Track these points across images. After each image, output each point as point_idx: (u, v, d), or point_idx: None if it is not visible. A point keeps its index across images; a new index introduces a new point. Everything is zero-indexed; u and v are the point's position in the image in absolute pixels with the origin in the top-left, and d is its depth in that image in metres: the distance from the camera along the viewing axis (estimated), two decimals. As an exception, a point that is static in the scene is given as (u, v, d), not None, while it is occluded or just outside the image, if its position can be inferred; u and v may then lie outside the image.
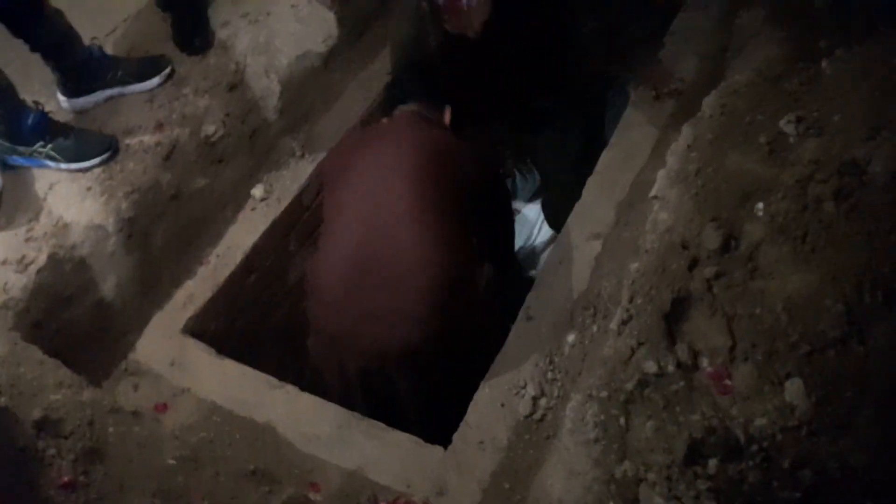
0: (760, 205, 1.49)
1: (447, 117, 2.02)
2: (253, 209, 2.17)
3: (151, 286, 1.96)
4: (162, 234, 1.97)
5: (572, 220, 2.02)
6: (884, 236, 1.30)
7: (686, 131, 1.72)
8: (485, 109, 2.37)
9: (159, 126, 2.00)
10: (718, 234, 1.45)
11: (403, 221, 1.69)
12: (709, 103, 1.76)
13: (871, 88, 1.58)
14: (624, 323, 1.43)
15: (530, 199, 2.93)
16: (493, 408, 1.63)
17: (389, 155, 1.81)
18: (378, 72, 2.47)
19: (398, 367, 1.70)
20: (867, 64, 1.63)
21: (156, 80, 2.08)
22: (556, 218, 2.46)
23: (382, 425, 1.65)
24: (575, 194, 2.06)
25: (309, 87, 2.34)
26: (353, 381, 1.75)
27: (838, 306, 1.25)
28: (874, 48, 1.65)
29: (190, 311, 1.93)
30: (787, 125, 1.62)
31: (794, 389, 1.17)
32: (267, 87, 2.22)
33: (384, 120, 2.06)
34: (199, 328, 1.92)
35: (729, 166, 1.59)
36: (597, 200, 2.02)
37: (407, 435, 1.63)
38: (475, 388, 1.68)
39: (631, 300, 1.46)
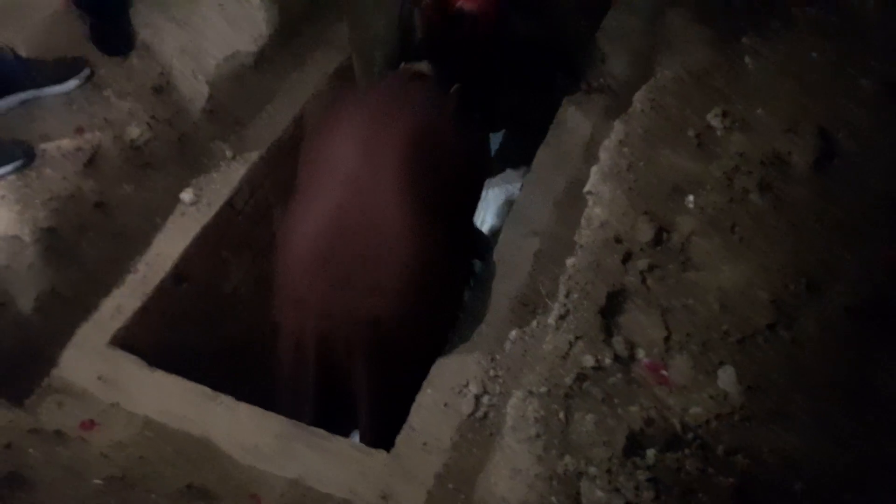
0: (691, 197, 1.53)
1: (453, 90, 1.86)
2: (182, 214, 2.09)
3: (76, 298, 1.86)
4: (86, 243, 1.87)
5: (510, 218, 2.03)
6: (806, 227, 1.35)
7: (618, 127, 1.75)
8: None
9: (79, 130, 1.91)
10: (651, 227, 1.48)
11: (388, 196, 1.63)
12: (639, 99, 1.79)
13: (790, 82, 1.65)
14: (561, 318, 1.44)
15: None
16: (436, 409, 1.61)
17: (384, 126, 1.71)
18: (311, 73, 2.42)
19: (361, 339, 1.67)
20: (786, 59, 1.70)
21: (73, 83, 1.98)
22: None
23: (324, 433, 1.61)
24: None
25: (239, 90, 2.27)
26: (310, 351, 1.71)
27: (766, 295, 1.29)
28: (792, 44, 1.72)
29: (118, 322, 1.84)
30: (713, 119, 1.67)
31: (726, 377, 1.20)
32: (195, 90, 2.15)
33: (391, 76, 1.93)
34: (129, 340, 1.83)
35: (660, 161, 1.62)
36: (533, 198, 2.03)
37: (349, 441, 1.59)
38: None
39: (567, 295, 1.47)
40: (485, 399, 1.55)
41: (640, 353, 1.32)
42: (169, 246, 2.00)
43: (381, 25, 2.03)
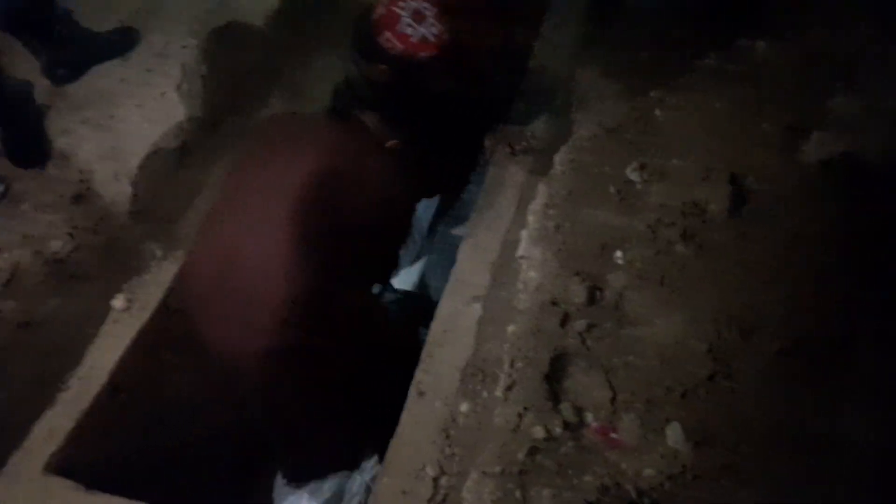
0: (619, 253, 1.56)
1: (392, 144, 1.87)
2: (115, 322, 2.02)
3: (4, 426, 1.76)
4: (11, 367, 1.79)
5: (450, 284, 2.02)
6: (729, 272, 1.39)
7: (542, 189, 1.79)
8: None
9: (-4, 250, 1.84)
10: (583, 287, 1.49)
11: (274, 234, 1.64)
12: (559, 160, 1.84)
13: (700, 131, 1.71)
14: (508, 389, 1.43)
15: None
16: (394, 498, 1.56)
17: (290, 163, 1.73)
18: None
19: (241, 371, 1.71)
20: (693, 109, 1.77)
21: (-13, 201, 1.93)
22: None
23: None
24: None
25: (165, 187, 2.24)
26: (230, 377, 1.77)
27: (702, 346, 1.30)
28: (696, 94, 1.79)
29: (51, 446, 1.74)
30: (632, 173, 1.72)
31: (673, 434, 1.20)
32: (118, 192, 2.11)
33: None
34: (65, 464, 1.74)
35: (585, 219, 1.65)
36: (471, 263, 2.03)
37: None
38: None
39: (512, 364, 1.47)
40: (443, 480, 1.51)
41: (589, 417, 1.32)
42: (102, 357, 1.93)
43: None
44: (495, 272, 1.98)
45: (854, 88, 1.55)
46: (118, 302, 2.03)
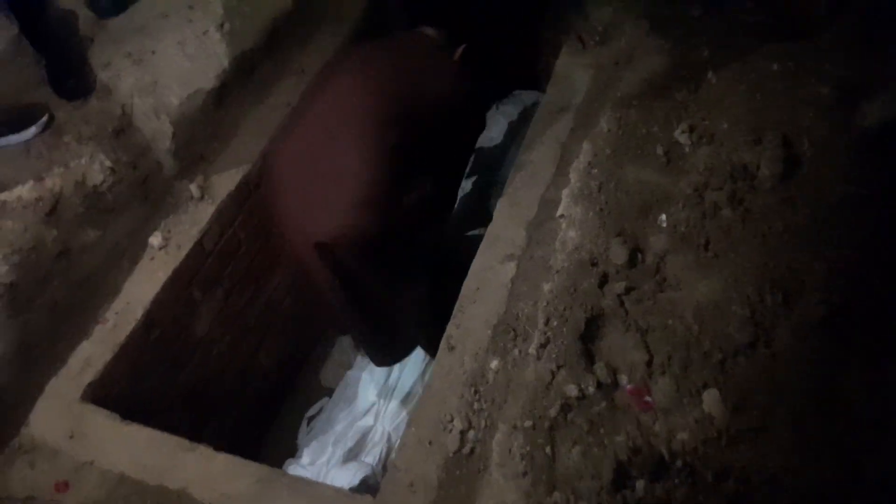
0: (663, 216, 1.53)
1: (458, 53, 2.02)
2: (152, 259, 2.04)
3: (43, 353, 1.80)
4: (51, 295, 1.82)
5: (485, 242, 2.00)
6: (776, 237, 1.35)
7: (586, 147, 1.75)
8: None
9: (39, 179, 1.85)
10: (624, 248, 1.47)
11: (351, 131, 1.81)
12: (605, 118, 1.79)
13: (751, 94, 1.65)
14: (542, 347, 1.42)
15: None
16: (420, 447, 1.57)
17: (367, 68, 1.90)
18: (275, 105, 2.39)
19: (316, 255, 1.83)
20: (745, 71, 1.70)
21: (32, 130, 1.93)
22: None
23: (307, 479, 1.57)
24: None
25: (203, 127, 2.23)
26: (303, 259, 1.89)
27: (743, 311, 1.28)
28: (750, 55, 1.72)
29: (88, 376, 1.78)
30: (680, 135, 1.67)
31: (710, 400, 1.19)
32: (157, 129, 2.10)
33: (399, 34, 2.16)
34: (101, 394, 1.78)
35: (629, 180, 1.62)
36: (507, 221, 2.01)
37: (333, 487, 1.55)
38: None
39: (547, 322, 1.45)
40: (470, 434, 1.52)
41: (623, 379, 1.31)
42: (138, 292, 1.96)
43: None
44: (531, 230, 1.96)
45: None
46: (155, 239, 2.05)
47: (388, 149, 1.79)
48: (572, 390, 1.28)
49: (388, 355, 2.19)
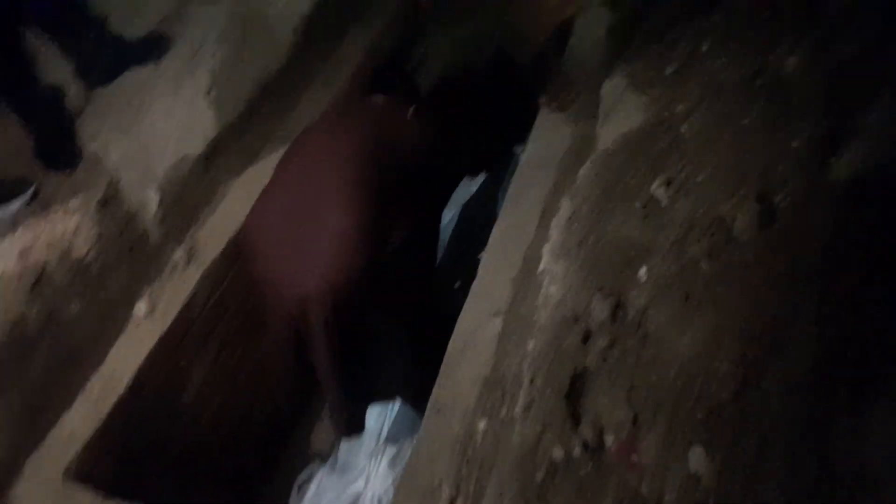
0: (643, 269, 1.53)
1: (410, 113, 2.17)
2: (138, 326, 2.04)
3: (26, 429, 1.78)
4: (34, 369, 1.81)
5: (471, 296, 2.01)
6: (756, 290, 1.35)
7: (565, 203, 1.76)
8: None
9: (24, 252, 1.87)
10: (606, 303, 1.46)
11: (325, 189, 1.88)
12: (584, 174, 1.81)
13: (726, 148, 1.68)
14: (527, 408, 1.40)
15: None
16: (409, 514, 1.54)
17: (341, 129, 2.01)
18: (263, 168, 2.42)
19: (307, 311, 1.86)
20: (720, 126, 1.73)
21: (17, 203, 1.97)
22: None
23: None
24: None
25: (190, 192, 2.27)
26: (286, 322, 1.93)
27: (727, 365, 1.27)
28: (724, 111, 1.76)
29: (71, 451, 1.76)
30: (657, 189, 1.68)
31: (696, 458, 1.17)
32: (144, 198, 2.14)
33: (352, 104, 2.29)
34: (85, 469, 1.75)
35: (609, 235, 1.63)
36: (493, 277, 2.01)
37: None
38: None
39: (531, 382, 1.44)
40: (459, 502, 1.49)
41: (609, 439, 1.29)
42: (124, 361, 1.95)
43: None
44: (516, 286, 1.96)
45: (886, 103, 1.50)
46: (141, 307, 2.05)
47: (365, 201, 1.86)
48: (558, 453, 1.27)
49: (357, 424, 2.16)
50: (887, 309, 1.21)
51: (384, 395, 2.30)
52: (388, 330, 2.06)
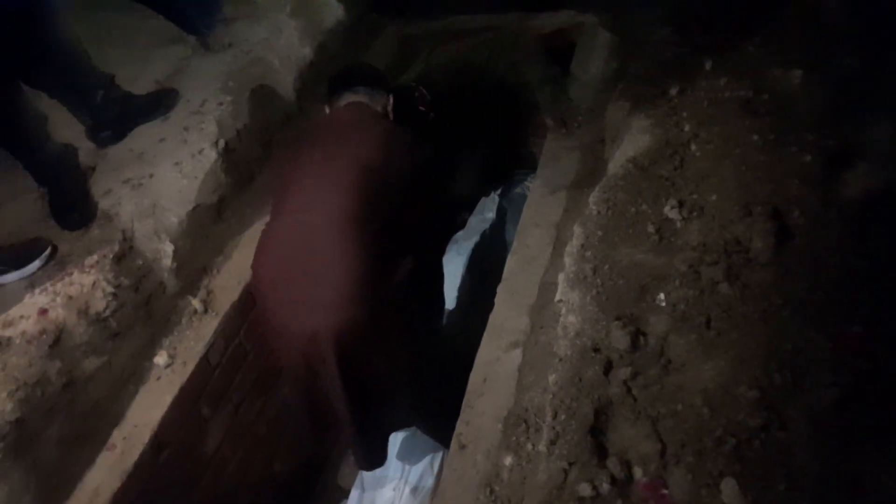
0: (661, 295, 1.51)
1: (391, 105, 2.21)
2: (158, 378, 2.04)
3: (50, 488, 1.78)
4: (57, 428, 1.81)
5: (488, 331, 1.99)
6: (777, 313, 1.33)
7: (577, 231, 1.75)
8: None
9: (42, 312, 1.88)
10: (625, 332, 1.44)
11: (329, 227, 1.86)
12: (594, 200, 1.80)
13: (736, 166, 1.66)
14: (552, 443, 1.37)
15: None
16: (438, 557, 1.51)
17: (328, 162, 1.97)
18: (274, 213, 2.44)
19: (319, 349, 1.85)
20: (728, 144, 1.72)
21: (36, 264, 1.98)
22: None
23: None
24: None
25: (204, 242, 2.29)
26: (299, 363, 1.92)
27: (753, 392, 1.24)
28: (730, 128, 1.75)
29: (97, 507, 1.75)
30: (670, 211, 1.67)
31: (729, 491, 1.13)
32: (159, 250, 2.15)
33: (327, 111, 2.23)
34: (111, 526, 1.74)
35: (623, 261, 1.61)
36: (509, 308, 2.01)
37: None
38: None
39: (555, 416, 1.42)
40: (487, 541, 1.46)
41: (638, 472, 1.25)
42: (145, 414, 1.95)
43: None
44: (534, 315, 1.95)
45: (892, 116, 1.48)
46: (161, 359, 2.06)
47: (368, 234, 1.86)
48: (586, 489, 1.23)
49: (378, 458, 2.14)
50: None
51: (402, 426, 2.27)
52: (400, 362, 2.04)
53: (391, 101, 2.24)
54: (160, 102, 2.37)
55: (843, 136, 1.51)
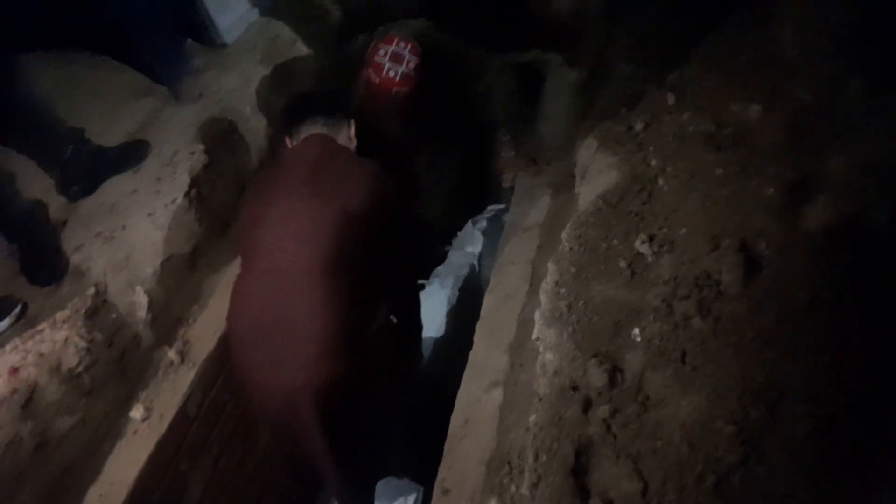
0: (636, 331, 1.52)
1: (352, 131, 2.16)
2: (134, 433, 2.00)
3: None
4: (29, 491, 1.76)
5: (468, 371, 1.99)
6: (749, 345, 1.35)
7: (552, 268, 1.77)
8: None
9: (14, 371, 1.84)
10: (602, 370, 1.45)
11: (304, 277, 1.83)
12: (566, 236, 1.82)
13: (703, 199, 1.69)
14: (534, 486, 1.37)
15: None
16: None
17: (299, 206, 1.91)
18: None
19: (298, 410, 1.84)
20: (694, 177, 1.75)
21: (5, 322, 1.95)
22: None
23: None
24: None
25: (179, 292, 2.27)
26: (279, 421, 1.92)
27: (730, 427, 1.25)
28: (695, 162, 1.79)
29: (73, 574, 1.70)
30: (641, 245, 1.69)
31: (712, 529, 1.14)
32: (133, 302, 2.12)
33: (289, 144, 2.16)
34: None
35: (597, 297, 1.63)
36: (488, 346, 2.01)
37: None
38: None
39: (536, 458, 1.41)
40: (474, 589, 1.44)
41: (620, 512, 1.26)
42: (122, 471, 1.91)
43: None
44: (513, 353, 1.96)
45: (850, 147, 1.53)
46: (136, 412, 2.02)
47: (344, 284, 1.84)
48: (570, 533, 1.23)
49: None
50: (880, 359, 1.20)
51: (386, 473, 2.25)
52: (381, 409, 2.03)
53: (352, 128, 2.16)
54: (131, 154, 2.36)
55: (803, 168, 1.55)
